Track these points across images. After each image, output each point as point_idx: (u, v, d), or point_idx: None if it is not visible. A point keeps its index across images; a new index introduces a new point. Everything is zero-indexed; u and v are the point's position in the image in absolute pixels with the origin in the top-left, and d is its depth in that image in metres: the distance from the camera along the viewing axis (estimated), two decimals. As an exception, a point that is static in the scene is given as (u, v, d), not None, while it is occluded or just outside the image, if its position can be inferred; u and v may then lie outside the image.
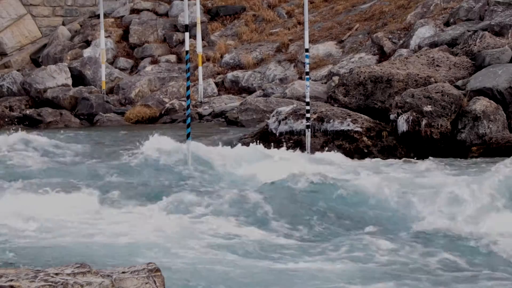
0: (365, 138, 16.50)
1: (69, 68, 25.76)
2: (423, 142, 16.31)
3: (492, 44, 18.76)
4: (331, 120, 16.74)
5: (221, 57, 26.39)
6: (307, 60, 16.87)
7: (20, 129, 18.86)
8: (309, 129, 16.14)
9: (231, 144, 16.70)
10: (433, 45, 21.25)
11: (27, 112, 24.06)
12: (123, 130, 21.34)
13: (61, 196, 12.25)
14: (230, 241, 9.98)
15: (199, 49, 23.86)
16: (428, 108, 16.35)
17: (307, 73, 16.85)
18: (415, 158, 15.78)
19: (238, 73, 25.26)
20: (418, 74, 17.63)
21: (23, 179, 13.55)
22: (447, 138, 16.36)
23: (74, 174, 14.33)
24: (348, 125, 16.62)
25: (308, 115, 16.21)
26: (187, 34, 14.97)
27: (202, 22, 24.97)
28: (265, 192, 12.04)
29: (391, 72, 17.68)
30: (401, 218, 11.04)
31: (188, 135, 14.29)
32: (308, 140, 16.11)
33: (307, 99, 16.35)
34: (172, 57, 27.04)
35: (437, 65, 18.46)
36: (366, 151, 16.40)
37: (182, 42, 26.76)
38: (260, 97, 22.36)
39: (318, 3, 28.44)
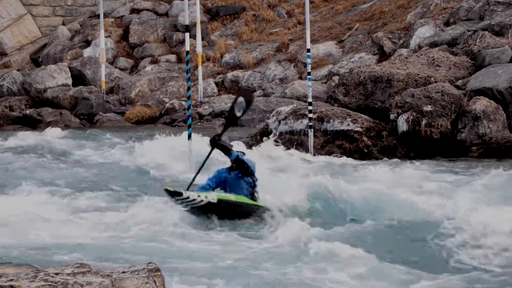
0: (365, 138, 16.50)
1: (69, 68, 25.76)
2: (423, 142, 16.31)
3: (492, 44, 18.76)
4: (331, 120, 16.74)
5: (221, 57, 26.40)
6: (308, 60, 16.82)
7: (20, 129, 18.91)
8: (312, 129, 16.09)
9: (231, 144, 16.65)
10: (433, 45, 21.24)
11: (27, 112, 24.07)
12: (123, 130, 21.33)
13: (61, 196, 12.26)
14: (230, 241, 9.98)
15: (199, 49, 23.86)
16: (428, 108, 16.35)
17: (309, 73, 16.79)
18: (415, 158, 15.79)
19: (238, 73, 25.26)
20: (418, 74, 17.63)
21: (23, 179, 13.54)
22: (447, 138, 16.36)
23: (73, 174, 14.34)
24: (348, 125, 16.62)
25: (310, 115, 16.16)
26: (187, 34, 14.96)
27: (202, 22, 24.97)
28: (264, 193, 12.02)
29: (391, 72, 17.68)
30: (398, 215, 11.05)
31: (189, 136, 14.28)
32: (310, 140, 16.07)
33: (309, 99, 16.30)
34: (172, 57, 27.04)
35: (437, 65, 18.45)
36: (366, 151, 16.39)
37: (182, 42, 26.76)
38: (260, 97, 22.37)
39: (318, 3, 28.46)
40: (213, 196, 10.52)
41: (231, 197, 10.66)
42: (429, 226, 10.10)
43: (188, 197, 10.38)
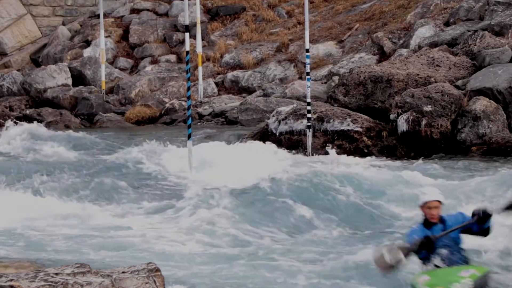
0: (365, 138, 16.50)
1: (69, 68, 25.74)
2: (423, 142, 16.30)
3: (492, 44, 18.75)
4: (331, 120, 16.74)
5: (221, 57, 26.38)
6: (307, 60, 16.84)
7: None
8: (310, 129, 16.09)
9: (231, 144, 16.69)
10: (433, 45, 21.23)
11: (27, 112, 24.05)
12: (123, 130, 21.33)
13: (61, 197, 12.26)
14: (229, 242, 9.98)
15: (199, 49, 23.85)
16: (428, 108, 16.35)
17: (307, 74, 16.81)
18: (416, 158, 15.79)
19: (238, 73, 25.24)
20: (418, 74, 17.63)
21: (22, 180, 13.54)
22: (447, 138, 16.35)
23: (73, 175, 14.33)
24: (348, 125, 16.61)
25: (309, 115, 16.17)
26: (187, 34, 14.95)
27: (202, 22, 24.95)
28: (265, 193, 12.03)
29: (391, 72, 17.68)
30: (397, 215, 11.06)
31: (189, 136, 14.27)
32: (309, 140, 16.08)
33: (308, 99, 16.31)
34: (172, 57, 27.03)
35: (437, 65, 18.45)
36: (366, 151, 16.39)
37: (182, 42, 26.75)
38: (260, 97, 22.36)
39: (318, 3, 28.44)
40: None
41: None
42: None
43: None
